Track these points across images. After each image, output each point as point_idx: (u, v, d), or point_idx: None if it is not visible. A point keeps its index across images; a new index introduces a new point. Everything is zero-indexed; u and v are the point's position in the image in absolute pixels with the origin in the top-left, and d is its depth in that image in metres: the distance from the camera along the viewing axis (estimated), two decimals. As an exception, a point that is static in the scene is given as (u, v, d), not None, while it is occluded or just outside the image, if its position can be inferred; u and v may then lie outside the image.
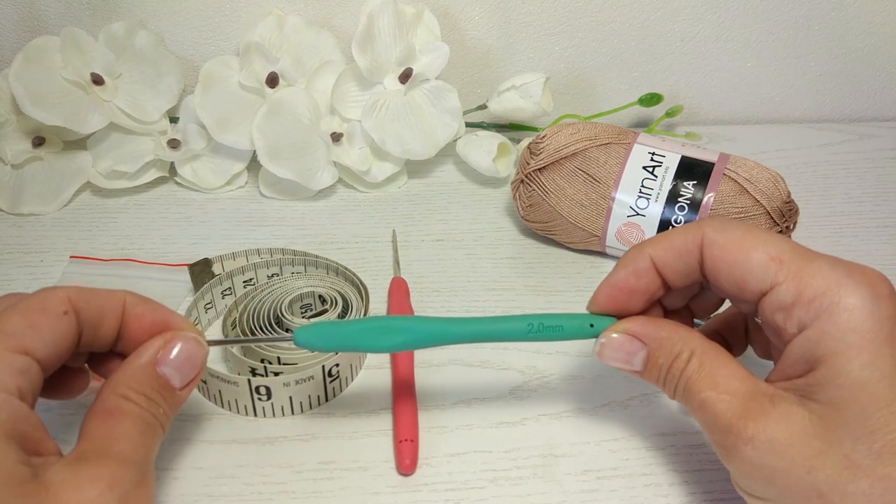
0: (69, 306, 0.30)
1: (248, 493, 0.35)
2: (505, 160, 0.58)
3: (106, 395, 0.29)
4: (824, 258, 0.29)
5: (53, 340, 0.29)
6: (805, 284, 0.28)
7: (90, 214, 0.54)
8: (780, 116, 0.68)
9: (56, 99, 0.52)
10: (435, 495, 0.35)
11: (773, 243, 0.29)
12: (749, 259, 0.29)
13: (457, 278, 0.49)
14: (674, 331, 0.31)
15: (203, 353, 0.32)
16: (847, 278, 0.27)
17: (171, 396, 0.31)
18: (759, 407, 0.28)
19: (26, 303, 0.29)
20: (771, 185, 0.45)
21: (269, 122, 0.53)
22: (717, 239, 0.30)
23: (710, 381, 0.29)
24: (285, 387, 0.38)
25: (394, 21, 0.54)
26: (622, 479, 0.36)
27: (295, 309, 0.44)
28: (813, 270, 0.28)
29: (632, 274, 0.32)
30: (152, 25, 0.58)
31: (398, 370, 0.40)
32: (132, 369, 0.30)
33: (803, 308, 0.28)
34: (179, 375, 0.31)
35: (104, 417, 0.28)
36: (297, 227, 0.53)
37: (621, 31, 0.62)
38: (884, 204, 0.56)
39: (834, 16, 0.63)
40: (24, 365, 0.28)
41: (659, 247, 0.32)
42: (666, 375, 0.31)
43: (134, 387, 0.30)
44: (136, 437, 0.28)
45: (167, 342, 0.31)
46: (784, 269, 0.28)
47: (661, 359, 0.31)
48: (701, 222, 0.31)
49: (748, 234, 0.30)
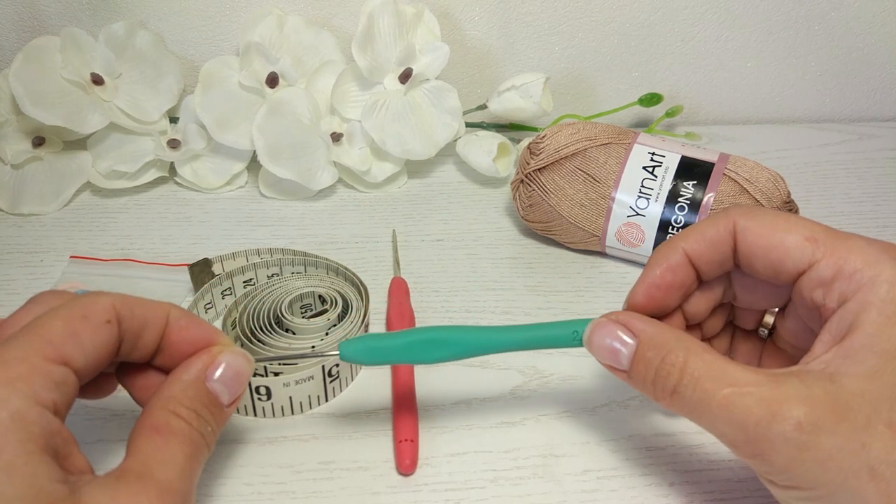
0: (113, 315, 0.29)
1: (248, 493, 0.35)
2: (505, 160, 0.58)
3: (155, 410, 0.28)
4: (857, 236, 0.29)
5: (94, 350, 0.28)
6: (844, 259, 0.28)
7: (90, 214, 0.54)
8: (780, 116, 0.68)
9: (56, 99, 0.52)
10: (435, 495, 0.35)
11: (806, 224, 0.30)
12: (784, 241, 0.30)
13: (457, 278, 0.49)
14: (668, 329, 0.30)
15: (250, 369, 0.31)
16: (884, 253, 0.28)
17: (220, 413, 0.30)
18: (794, 389, 0.27)
19: (69, 308, 0.28)
20: (771, 185, 0.45)
21: (269, 122, 0.53)
22: (749, 225, 0.31)
23: (725, 378, 0.27)
24: (285, 387, 0.38)
25: (394, 21, 0.54)
26: (622, 479, 0.36)
27: (295, 309, 0.44)
28: (849, 247, 0.28)
29: (667, 270, 0.32)
30: (152, 25, 0.59)
31: (398, 370, 0.40)
32: (182, 384, 0.29)
33: (844, 281, 0.28)
34: (228, 391, 0.30)
35: (152, 434, 0.28)
36: (297, 227, 0.53)
37: (621, 31, 0.62)
38: (884, 204, 0.56)
39: (834, 16, 0.63)
40: (61, 377, 0.27)
41: (691, 239, 0.32)
42: (655, 375, 0.29)
43: (185, 403, 0.29)
44: (182, 460, 0.27)
45: (215, 357, 0.30)
46: (820, 247, 0.29)
47: (650, 352, 0.30)
48: (728, 211, 0.32)
49: (779, 218, 0.30)
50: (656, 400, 0.30)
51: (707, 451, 0.37)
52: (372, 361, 0.33)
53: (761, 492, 0.30)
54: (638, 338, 0.30)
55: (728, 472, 0.36)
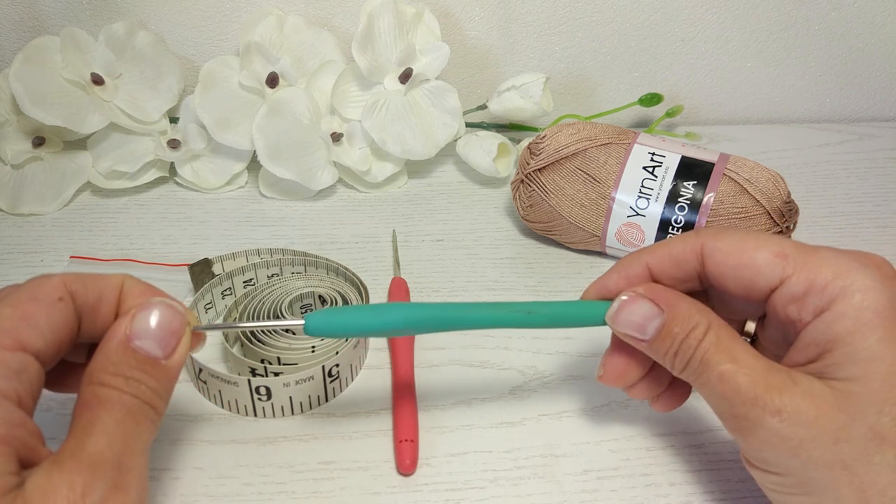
0: (64, 292, 0.28)
1: (248, 493, 0.35)
2: (505, 160, 0.58)
3: (83, 387, 0.27)
4: (826, 248, 0.29)
5: (51, 330, 0.27)
6: (815, 273, 0.28)
7: (90, 214, 0.54)
8: (780, 116, 0.68)
9: (56, 99, 0.52)
10: (435, 495, 0.35)
11: (775, 241, 0.30)
12: (754, 259, 0.30)
13: (457, 278, 0.49)
14: (692, 302, 0.31)
15: (179, 318, 0.29)
16: (854, 262, 0.28)
17: (156, 370, 0.28)
18: (783, 381, 0.28)
19: (16, 293, 0.27)
20: (771, 185, 0.45)
21: (269, 122, 0.53)
22: (718, 245, 0.31)
23: (729, 355, 0.29)
24: (285, 387, 0.38)
25: (394, 21, 0.54)
26: (622, 479, 0.36)
27: (295, 309, 0.44)
28: (819, 260, 0.29)
29: (623, 279, 0.33)
30: (152, 25, 0.59)
31: (398, 370, 0.40)
32: (103, 353, 0.28)
33: (817, 295, 0.28)
34: (159, 345, 0.28)
35: (82, 411, 0.27)
36: (297, 227, 0.53)
37: (621, 31, 0.62)
38: (884, 204, 0.56)
39: (834, 16, 0.63)
40: (20, 364, 0.26)
41: (657, 254, 0.32)
42: (679, 346, 0.30)
43: (110, 370, 0.27)
44: (112, 427, 0.26)
45: (135, 314, 0.29)
46: (790, 262, 0.29)
47: (676, 328, 0.30)
48: (698, 231, 0.32)
49: (748, 236, 0.31)
50: (671, 368, 0.31)
51: (707, 452, 0.37)
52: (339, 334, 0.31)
53: (761, 492, 0.31)
54: (665, 312, 0.31)
55: (728, 472, 0.36)
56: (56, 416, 0.38)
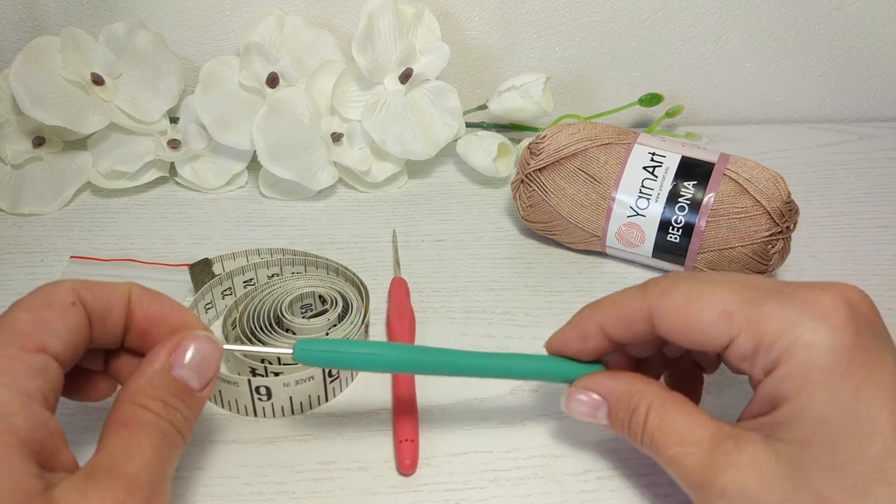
0: (76, 297, 0.29)
1: (248, 493, 0.35)
2: (505, 160, 0.58)
3: (123, 404, 0.28)
4: (774, 299, 0.28)
5: (66, 333, 0.28)
6: (761, 331, 0.28)
7: (90, 214, 0.54)
8: (780, 116, 0.68)
9: (56, 99, 0.52)
10: (435, 495, 0.35)
11: (719, 297, 0.29)
12: (700, 321, 0.29)
13: (457, 278, 0.49)
14: (631, 384, 0.32)
15: (218, 352, 0.31)
16: (801, 315, 0.27)
17: (191, 399, 0.30)
18: (725, 455, 0.28)
19: (30, 299, 0.28)
20: (771, 185, 0.45)
21: (270, 122, 0.53)
22: (662, 308, 0.30)
23: (676, 436, 0.30)
24: (285, 387, 0.38)
25: (394, 21, 0.54)
26: (622, 479, 0.36)
27: (295, 309, 0.44)
28: (765, 315, 0.28)
29: (579, 337, 0.34)
30: (152, 25, 0.59)
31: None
32: (147, 375, 0.29)
33: (764, 354, 0.28)
34: (196, 376, 0.30)
35: (119, 428, 0.27)
36: (297, 227, 0.53)
37: (621, 31, 0.62)
38: (884, 204, 0.56)
39: (834, 16, 0.63)
40: (41, 364, 0.27)
41: (608, 314, 0.33)
42: (628, 429, 0.32)
43: (151, 393, 0.29)
44: (150, 451, 0.27)
45: (179, 343, 0.30)
46: (736, 321, 0.29)
47: (620, 413, 0.32)
48: (646, 288, 0.32)
49: (692, 294, 0.30)
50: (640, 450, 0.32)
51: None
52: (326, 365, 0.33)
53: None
54: (607, 400, 0.33)
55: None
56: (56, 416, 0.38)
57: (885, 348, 0.27)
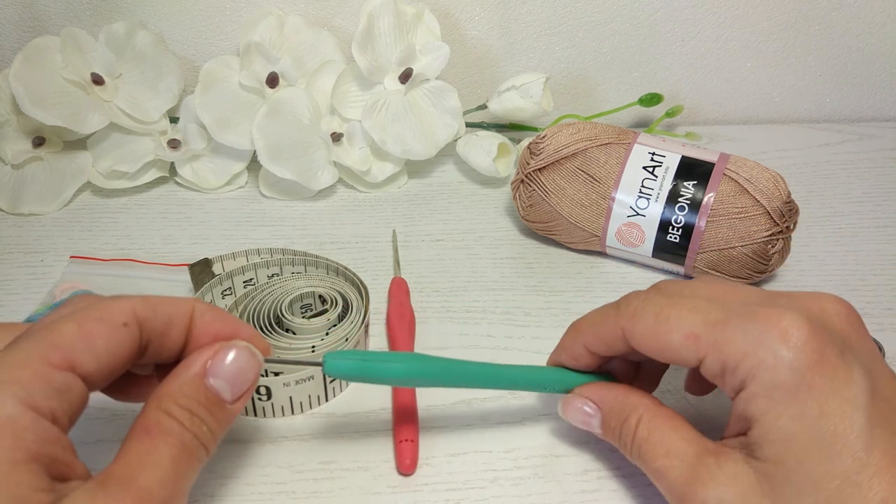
0: (132, 317, 0.28)
1: (248, 493, 0.35)
2: (505, 160, 0.58)
3: (149, 409, 0.27)
4: (738, 320, 0.29)
5: (107, 354, 0.27)
6: (725, 354, 0.29)
7: (90, 214, 0.54)
8: (780, 116, 0.68)
9: (56, 99, 0.52)
10: (435, 495, 0.35)
11: (686, 320, 0.30)
12: (669, 344, 0.30)
13: (457, 278, 0.49)
14: (624, 395, 0.33)
15: (257, 365, 0.30)
16: (764, 335, 0.28)
17: (221, 412, 0.29)
18: (707, 470, 0.29)
19: (86, 311, 0.27)
20: (771, 185, 0.45)
21: (270, 122, 0.53)
22: (634, 330, 0.31)
23: (662, 448, 0.31)
24: (285, 387, 0.38)
25: (394, 21, 0.54)
26: (622, 479, 0.36)
27: (295, 309, 0.44)
28: (728, 337, 0.29)
29: (570, 358, 0.35)
30: (152, 25, 0.59)
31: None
32: (179, 381, 0.28)
33: (731, 375, 0.29)
34: (231, 388, 0.29)
35: (142, 434, 0.27)
36: (297, 227, 0.53)
37: (622, 31, 0.62)
38: (884, 204, 0.56)
39: (834, 16, 0.63)
40: (64, 384, 0.26)
41: (589, 336, 0.34)
42: (619, 438, 0.33)
43: (180, 401, 0.28)
44: (168, 464, 0.26)
45: (217, 352, 0.29)
46: (702, 344, 0.29)
47: (612, 422, 0.33)
48: (619, 309, 0.32)
49: (660, 316, 0.31)
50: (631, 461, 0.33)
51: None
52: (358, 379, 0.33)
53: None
54: (601, 409, 0.34)
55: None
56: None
57: (853, 361, 0.28)
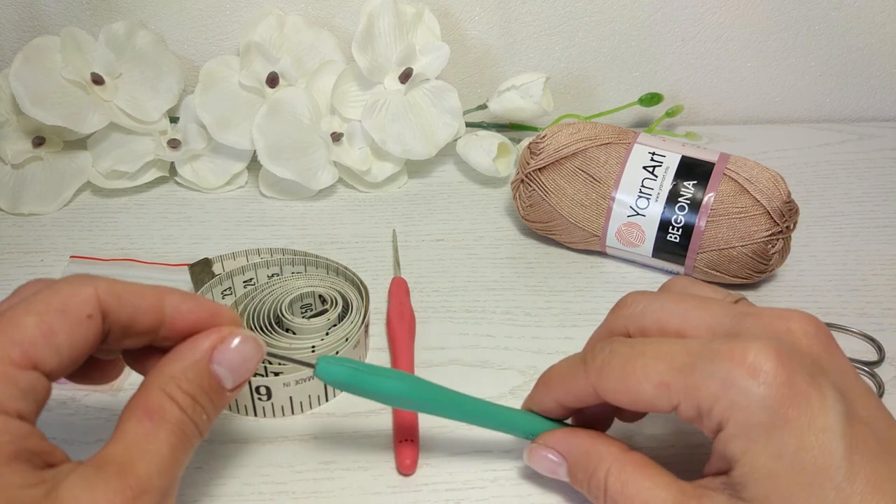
0: (95, 307, 0.26)
1: (248, 493, 0.35)
2: (505, 160, 0.58)
3: (151, 389, 0.27)
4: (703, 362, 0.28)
5: (70, 347, 0.26)
6: (698, 398, 0.28)
7: (90, 214, 0.54)
8: (780, 116, 0.68)
9: (56, 99, 0.52)
10: (435, 495, 0.35)
11: (652, 369, 0.29)
12: (641, 396, 0.29)
13: (457, 278, 0.49)
14: (589, 445, 0.32)
15: (259, 355, 0.29)
16: (731, 373, 0.27)
17: (219, 399, 0.28)
18: None
19: (46, 299, 0.26)
20: (771, 185, 0.45)
21: (270, 122, 0.53)
22: (604, 386, 0.30)
23: (639, 500, 0.29)
24: (285, 387, 0.38)
25: (394, 21, 0.54)
26: (622, 479, 0.36)
27: (295, 309, 0.44)
28: (697, 381, 0.28)
29: (543, 412, 0.34)
30: (152, 25, 0.59)
31: (399, 369, 0.40)
32: (184, 364, 0.27)
33: (706, 418, 0.28)
34: (232, 376, 0.28)
35: (142, 417, 0.26)
36: (297, 226, 0.53)
37: (622, 31, 0.62)
38: (884, 204, 0.56)
39: (834, 16, 0.63)
40: (29, 384, 0.25)
41: (560, 391, 0.33)
42: (588, 489, 0.32)
43: (183, 386, 0.27)
44: (168, 452, 0.26)
45: (224, 338, 0.28)
46: (674, 391, 0.28)
47: (579, 473, 0.32)
48: (585, 363, 0.31)
49: (627, 369, 0.30)
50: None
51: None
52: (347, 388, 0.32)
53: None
54: (566, 459, 0.33)
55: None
56: (56, 415, 0.38)
57: (825, 385, 0.27)
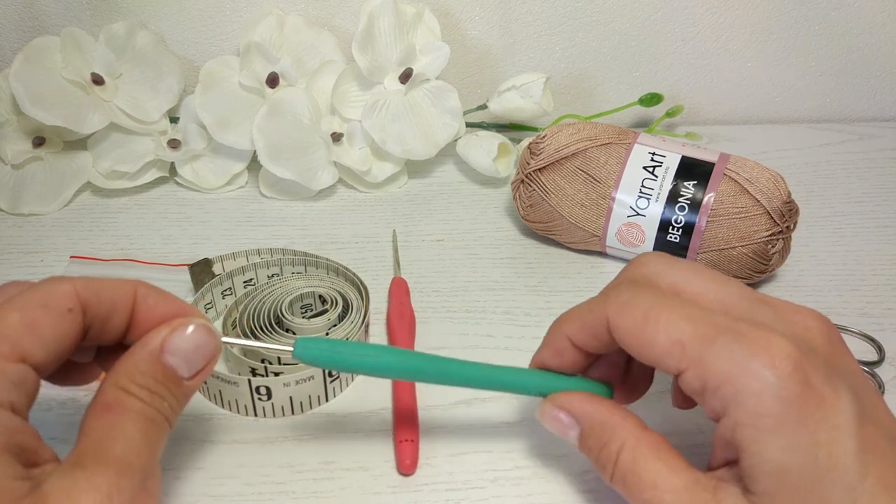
0: (75, 302, 0.27)
1: (248, 493, 0.35)
2: (505, 160, 0.58)
3: (106, 388, 0.27)
4: (726, 338, 0.27)
5: (55, 341, 0.27)
6: (708, 372, 0.27)
7: (90, 214, 0.54)
8: (780, 116, 0.68)
9: (56, 99, 0.52)
10: (435, 495, 0.35)
11: (675, 324, 0.28)
12: (653, 344, 0.28)
13: (457, 278, 0.49)
14: (606, 415, 0.31)
15: (214, 343, 0.30)
16: (750, 359, 0.26)
17: (178, 388, 0.29)
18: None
19: (27, 297, 0.27)
20: (771, 185, 0.45)
21: (270, 122, 0.53)
22: (619, 324, 0.29)
23: (649, 480, 0.29)
24: (285, 387, 0.38)
25: (394, 21, 0.54)
26: (622, 479, 0.36)
27: (295, 309, 0.44)
28: (714, 355, 0.27)
29: (554, 353, 0.33)
30: (152, 25, 0.59)
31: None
32: (135, 359, 0.28)
33: (711, 396, 0.27)
34: (187, 365, 0.29)
35: (103, 412, 0.27)
36: (297, 227, 0.53)
37: (622, 31, 0.62)
38: (884, 204, 0.56)
39: (834, 16, 0.63)
40: (19, 376, 0.26)
41: (573, 325, 0.32)
42: (597, 459, 0.31)
43: (137, 379, 0.27)
44: (138, 436, 0.26)
45: (174, 329, 0.29)
46: (686, 355, 0.28)
47: (590, 441, 0.31)
48: (606, 299, 0.30)
49: (650, 314, 0.29)
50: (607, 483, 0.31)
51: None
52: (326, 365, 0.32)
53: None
54: (580, 424, 0.32)
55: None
56: (56, 415, 0.38)
57: (840, 385, 0.26)
